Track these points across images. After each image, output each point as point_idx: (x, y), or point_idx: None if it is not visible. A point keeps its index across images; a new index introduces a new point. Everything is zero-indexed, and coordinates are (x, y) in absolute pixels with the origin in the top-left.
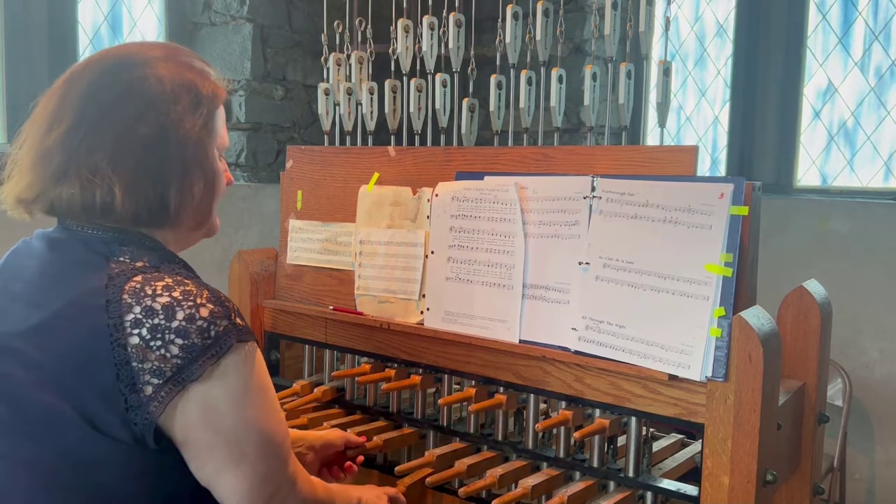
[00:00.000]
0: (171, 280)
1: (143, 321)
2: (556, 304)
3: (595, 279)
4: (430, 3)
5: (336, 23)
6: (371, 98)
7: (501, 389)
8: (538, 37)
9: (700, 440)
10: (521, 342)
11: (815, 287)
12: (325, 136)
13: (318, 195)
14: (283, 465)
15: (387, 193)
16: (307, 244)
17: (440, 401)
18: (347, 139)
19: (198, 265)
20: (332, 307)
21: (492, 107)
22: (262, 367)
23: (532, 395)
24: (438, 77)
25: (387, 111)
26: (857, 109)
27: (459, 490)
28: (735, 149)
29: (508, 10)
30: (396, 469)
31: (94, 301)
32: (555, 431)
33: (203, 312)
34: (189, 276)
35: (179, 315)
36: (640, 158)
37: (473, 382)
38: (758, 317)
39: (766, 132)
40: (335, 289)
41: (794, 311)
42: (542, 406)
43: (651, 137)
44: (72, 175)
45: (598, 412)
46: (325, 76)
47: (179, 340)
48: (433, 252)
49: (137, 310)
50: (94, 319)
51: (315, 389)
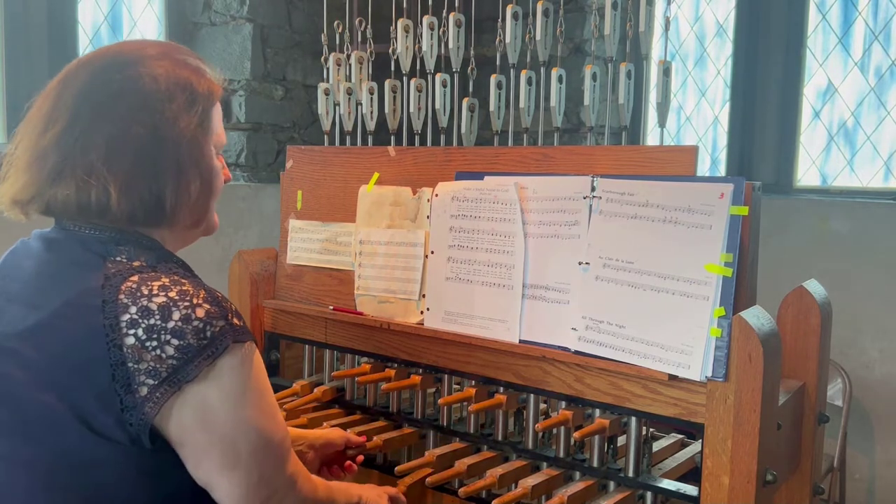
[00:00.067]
0: (168, 280)
1: (139, 321)
2: (556, 304)
3: (595, 279)
4: (430, 3)
5: (336, 23)
6: (371, 98)
7: (501, 389)
8: (538, 37)
9: (700, 440)
10: (521, 342)
11: (815, 287)
12: (325, 136)
13: (318, 195)
14: (280, 467)
15: (387, 193)
16: (307, 244)
17: (440, 401)
18: (347, 139)
19: (198, 265)
20: (332, 307)
21: (492, 107)
22: (260, 368)
23: (532, 395)
24: (438, 77)
25: (387, 111)
26: (857, 109)
27: (459, 490)
28: (735, 149)
29: (508, 10)
30: (396, 469)
31: (91, 301)
32: (555, 431)
33: (199, 313)
34: (186, 276)
35: (175, 315)
36: (640, 158)
37: (473, 382)
38: (758, 317)
39: (766, 132)
40: (335, 289)
41: (794, 311)
42: (542, 406)
43: (651, 137)
44: (67, 175)
45: (598, 412)
46: (325, 76)
47: (175, 341)
48: (433, 252)
49: (133, 310)
50: (91, 320)
51: (315, 389)
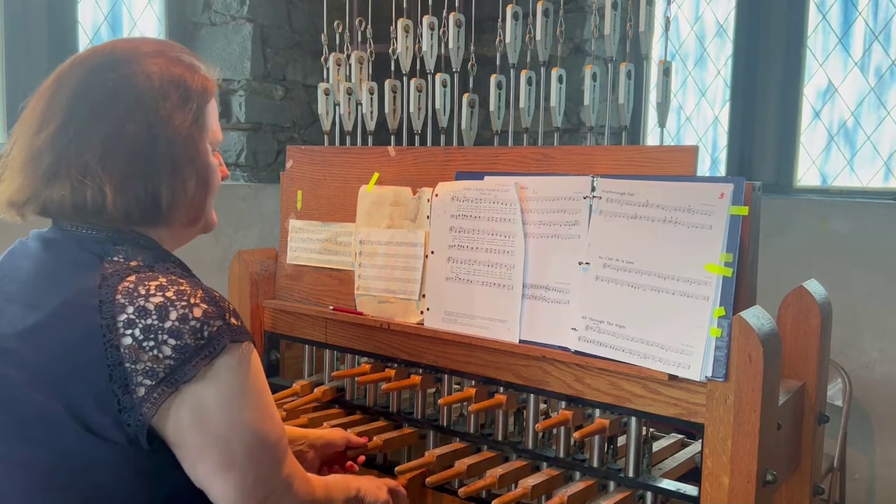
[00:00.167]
0: (166, 279)
1: (136, 321)
2: (556, 304)
3: (595, 279)
4: (430, 3)
5: (336, 23)
6: (371, 98)
7: (501, 389)
8: (538, 37)
9: (700, 440)
10: (521, 342)
11: (815, 287)
12: (325, 136)
13: (318, 195)
14: (277, 468)
15: (387, 193)
16: (307, 244)
17: (440, 401)
18: (347, 139)
19: (197, 265)
20: (332, 307)
21: (492, 107)
22: (258, 368)
23: (532, 395)
24: (438, 77)
25: (387, 111)
26: (857, 109)
27: (459, 490)
28: (735, 149)
29: (508, 10)
30: (396, 469)
31: (88, 301)
32: (555, 431)
33: (196, 312)
34: (184, 276)
35: (172, 315)
36: (640, 158)
37: (473, 382)
38: (758, 317)
39: (766, 132)
40: (335, 289)
41: (794, 311)
42: (542, 406)
43: (651, 137)
44: (62, 176)
45: (598, 412)
46: (325, 76)
47: (172, 341)
48: (433, 252)
49: (130, 310)
50: (88, 320)
51: (315, 389)
